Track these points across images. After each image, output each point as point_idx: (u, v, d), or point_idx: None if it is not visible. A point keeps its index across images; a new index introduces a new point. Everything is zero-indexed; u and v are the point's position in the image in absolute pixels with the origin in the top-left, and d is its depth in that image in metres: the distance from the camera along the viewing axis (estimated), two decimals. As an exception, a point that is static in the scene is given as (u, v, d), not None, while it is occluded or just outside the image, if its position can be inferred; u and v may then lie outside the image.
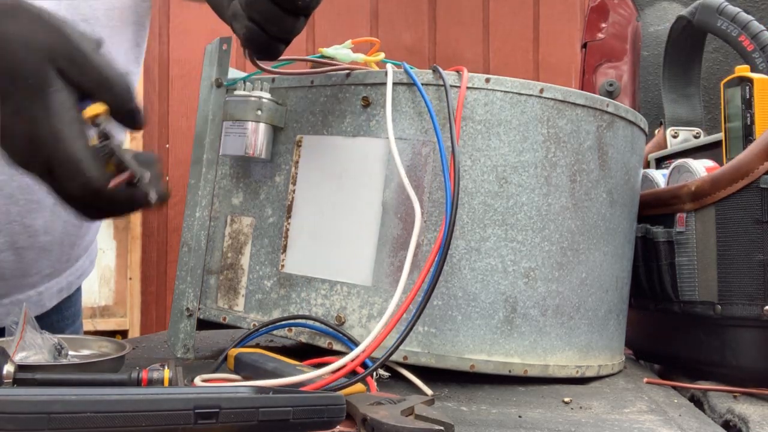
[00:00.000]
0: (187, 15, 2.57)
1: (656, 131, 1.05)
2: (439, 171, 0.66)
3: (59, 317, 0.90)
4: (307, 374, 0.54)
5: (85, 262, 0.93)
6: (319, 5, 0.62)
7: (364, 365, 0.58)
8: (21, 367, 0.54)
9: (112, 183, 0.51)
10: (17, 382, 0.52)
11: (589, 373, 0.71)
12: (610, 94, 1.30)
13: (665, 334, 0.80)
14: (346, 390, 0.53)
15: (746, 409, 0.60)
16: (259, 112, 0.71)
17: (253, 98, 0.71)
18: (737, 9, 0.88)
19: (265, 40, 0.61)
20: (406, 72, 0.67)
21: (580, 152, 0.69)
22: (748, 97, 0.76)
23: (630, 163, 0.74)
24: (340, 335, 0.66)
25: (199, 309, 0.74)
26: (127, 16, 0.79)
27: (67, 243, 0.84)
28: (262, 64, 0.67)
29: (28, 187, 0.74)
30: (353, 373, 0.56)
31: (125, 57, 0.81)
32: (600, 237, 0.71)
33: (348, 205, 0.68)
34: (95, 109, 0.51)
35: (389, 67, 0.68)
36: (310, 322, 0.68)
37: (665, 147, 1.01)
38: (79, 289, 0.96)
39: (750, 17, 0.87)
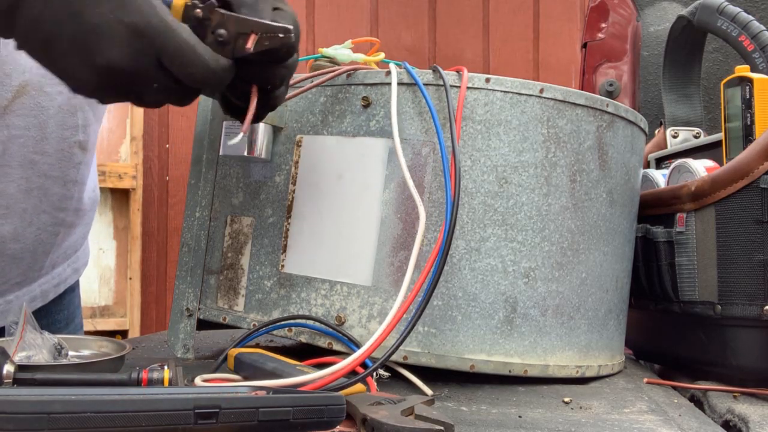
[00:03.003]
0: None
1: (656, 131, 1.05)
2: (439, 171, 0.66)
3: (49, 321, 0.87)
4: (308, 374, 0.54)
5: (65, 269, 0.89)
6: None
7: (364, 365, 0.58)
8: (21, 367, 0.54)
9: (249, 43, 0.52)
10: (17, 382, 0.52)
11: (589, 373, 0.71)
12: (610, 94, 1.30)
13: (665, 334, 0.80)
14: (346, 390, 0.53)
15: (746, 409, 0.60)
16: (259, 112, 0.71)
17: (253, 98, 0.71)
18: (737, 9, 0.88)
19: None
20: (408, 72, 0.67)
21: (580, 152, 0.69)
22: (748, 97, 0.76)
23: (630, 163, 0.74)
24: (340, 335, 0.66)
25: (199, 309, 0.74)
26: None
27: (40, 251, 0.80)
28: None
29: None
30: (353, 373, 0.56)
31: None
32: (600, 237, 0.71)
33: (348, 204, 0.68)
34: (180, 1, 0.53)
35: (392, 66, 0.68)
36: (310, 322, 0.68)
37: (665, 147, 1.01)
38: (73, 291, 0.93)
39: (750, 17, 0.87)
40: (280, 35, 0.53)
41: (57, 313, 0.90)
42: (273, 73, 0.57)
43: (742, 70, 0.79)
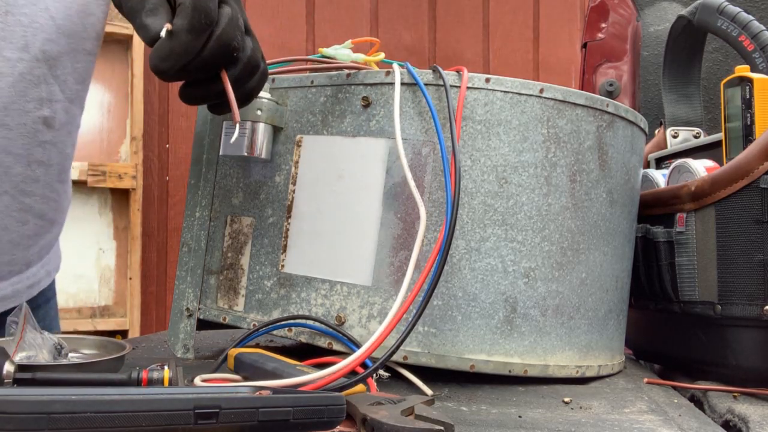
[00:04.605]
0: (187, 15, 2.56)
1: (656, 131, 1.05)
2: (439, 171, 0.66)
3: None
4: (308, 374, 0.54)
5: (39, 271, 0.83)
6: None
7: (364, 365, 0.58)
8: (21, 367, 0.54)
9: None
10: (17, 382, 0.52)
11: (589, 373, 0.71)
12: (610, 94, 1.30)
13: (665, 334, 0.80)
14: (347, 390, 0.53)
15: (746, 409, 0.60)
16: (259, 112, 0.71)
17: (253, 98, 0.71)
18: (737, 9, 0.88)
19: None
20: (409, 72, 0.67)
21: (580, 152, 0.69)
22: (748, 97, 0.76)
23: (630, 163, 0.74)
24: (340, 335, 0.66)
25: (199, 309, 0.74)
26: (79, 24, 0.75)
27: (5, 240, 0.75)
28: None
29: None
30: (353, 373, 0.56)
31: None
32: (600, 237, 0.71)
33: (348, 204, 0.68)
34: None
35: (396, 67, 0.68)
36: (310, 322, 0.68)
37: (665, 147, 1.01)
38: (48, 303, 0.88)
39: (750, 17, 0.87)
40: None
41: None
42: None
43: (742, 70, 0.79)
